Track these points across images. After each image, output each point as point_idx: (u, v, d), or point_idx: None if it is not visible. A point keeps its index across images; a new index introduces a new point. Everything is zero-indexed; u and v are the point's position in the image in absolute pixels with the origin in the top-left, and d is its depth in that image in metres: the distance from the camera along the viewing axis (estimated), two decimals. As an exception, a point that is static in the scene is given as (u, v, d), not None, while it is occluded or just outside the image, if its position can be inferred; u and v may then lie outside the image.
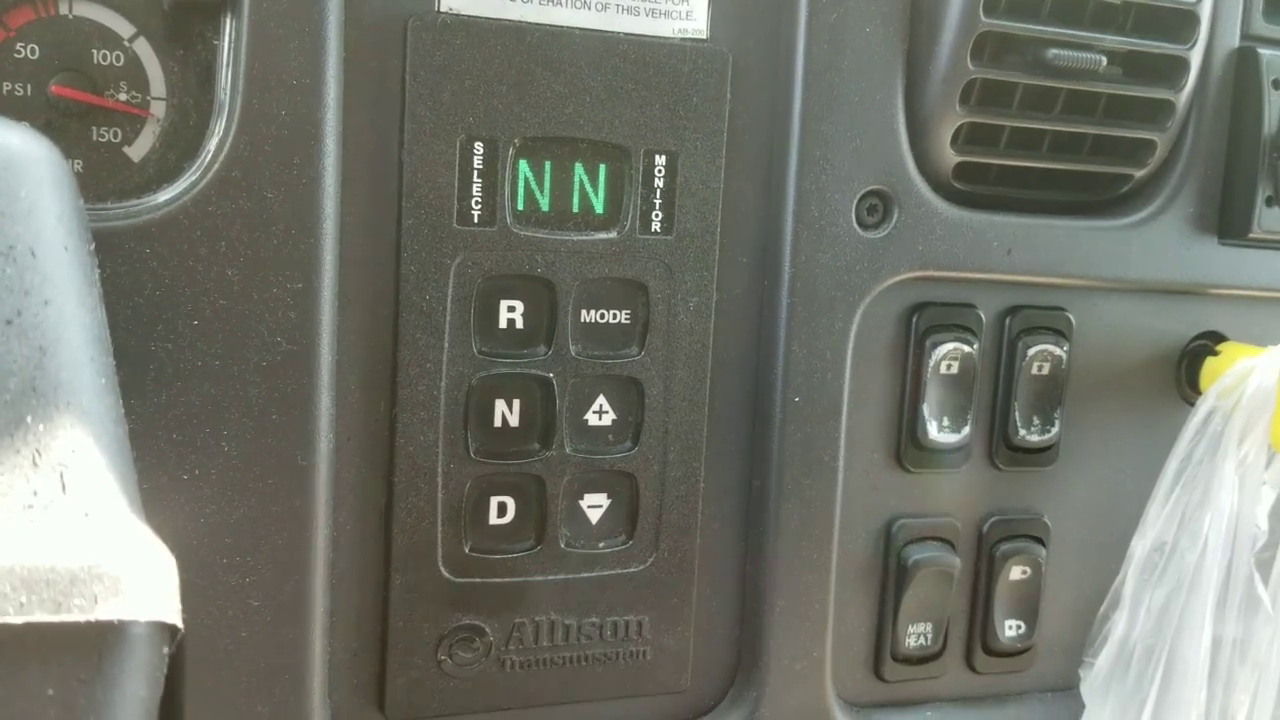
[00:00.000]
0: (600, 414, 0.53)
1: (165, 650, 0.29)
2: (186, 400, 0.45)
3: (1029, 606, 0.62)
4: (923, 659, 0.61)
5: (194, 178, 0.44)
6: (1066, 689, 0.65)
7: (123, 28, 0.45)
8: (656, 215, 0.52)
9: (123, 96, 0.46)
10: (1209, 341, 0.64)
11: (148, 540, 0.29)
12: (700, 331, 0.54)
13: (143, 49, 0.46)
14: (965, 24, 0.53)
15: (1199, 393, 0.62)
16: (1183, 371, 0.64)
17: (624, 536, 0.54)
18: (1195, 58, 0.58)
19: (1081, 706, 0.63)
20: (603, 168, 0.51)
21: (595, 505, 0.54)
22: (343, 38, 0.46)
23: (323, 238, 0.46)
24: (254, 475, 0.46)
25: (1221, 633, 0.61)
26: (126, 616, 0.27)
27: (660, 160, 0.52)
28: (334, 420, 0.48)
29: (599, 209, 0.52)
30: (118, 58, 0.45)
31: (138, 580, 0.27)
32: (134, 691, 0.28)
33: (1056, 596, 0.64)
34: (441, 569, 0.51)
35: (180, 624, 0.29)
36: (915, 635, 0.60)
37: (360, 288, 0.49)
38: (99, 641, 0.26)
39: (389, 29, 0.48)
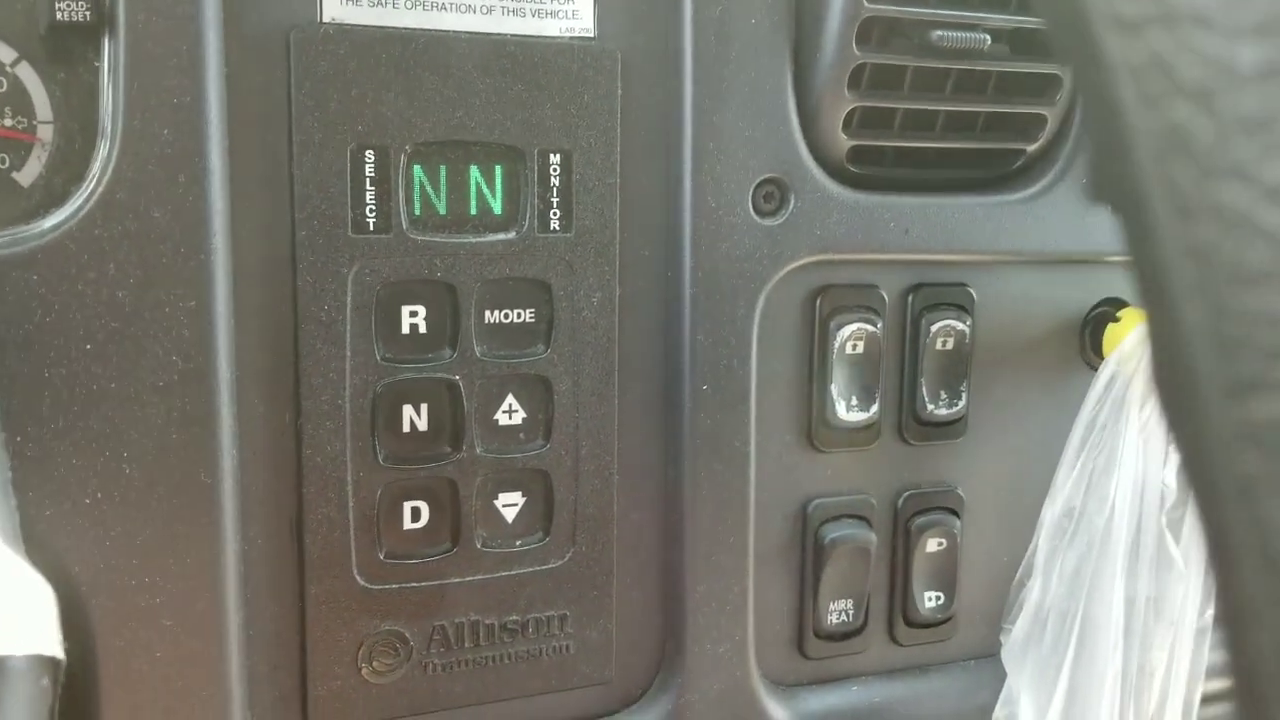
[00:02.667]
0: (510, 413, 0.53)
1: (44, 682, 0.29)
2: (85, 424, 0.45)
3: (947, 577, 0.64)
4: (846, 635, 0.62)
5: (79, 202, 0.44)
6: (989, 656, 0.66)
7: (4, 53, 0.45)
8: (555, 214, 0.52)
9: (8, 122, 0.46)
10: (1110, 308, 0.65)
11: (23, 574, 0.29)
12: (605, 326, 0.54)
13: (25, 73, 0.45)
14: (849, 10, 0.54)
15: (1103, 358, 0.64)
16: (1086, 339, 0.65)
17: (541, 533, 0.55)
18: (1080, 32, 0.59)
19: (1004, 672, 0.64)
20: (498, 169, 0.52)
21: (510, 504, 0.54)
22: (224, 53, 0.46)
23: (213, 254, 0.46)
24: (158, 496, 0.46)
25: (1134, 592, 0.62)
26: (2, 651, 0.27)
27: (555, 159, 0.52)
28: (237, 436, 0.48)
29: (497, 210, 0.52)
30: (0, 84, 0.45)
31: (12, 615, 0.27)
32: (16, 723, 0.28)
33: (973, 566, 0.65)
34: (357, 577, 0.51)
35: (61, 655, 0.29)
36: (837, 612, 0.61)
37: (257, 301, 0.49)
38: (-27, 677, 0.27)
39: (271, 41, 0.48)
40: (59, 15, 0.44)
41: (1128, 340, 0.62)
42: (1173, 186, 0.17)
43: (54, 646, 0.29)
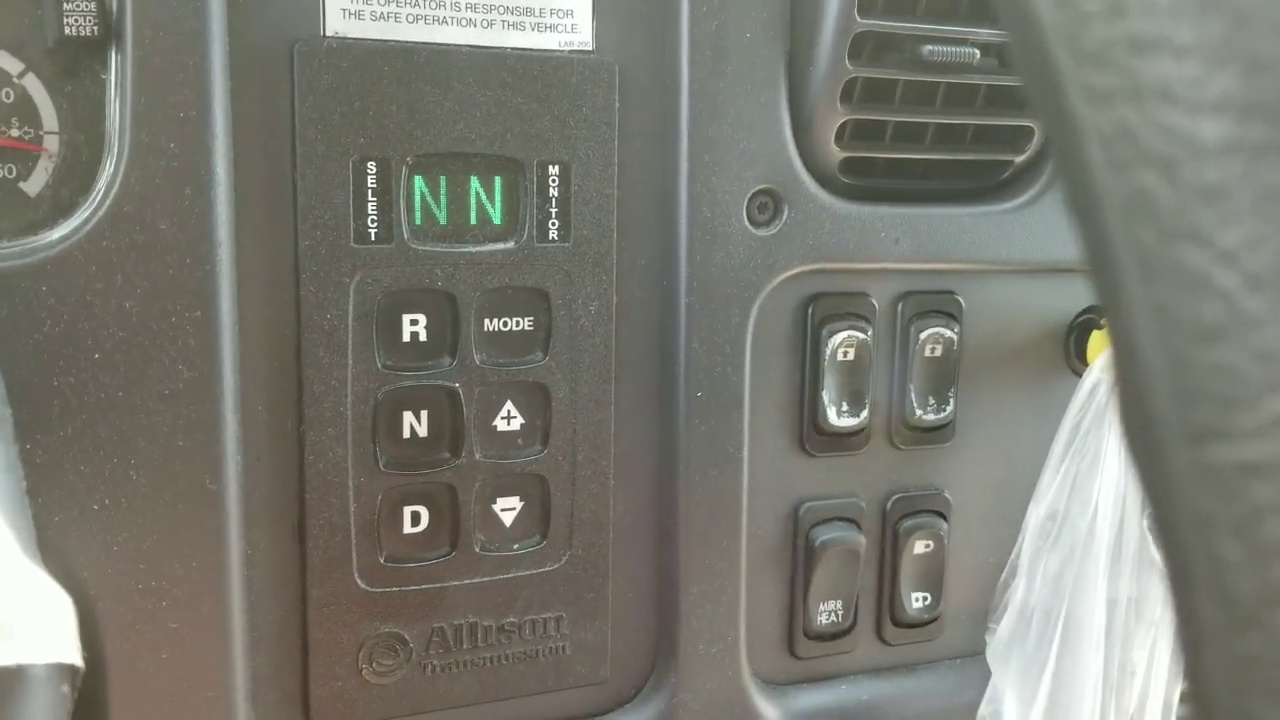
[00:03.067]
0: (508, 419, 0.54)
1: (65, 689, 0.30)
2: (92, 432, 0.46)
3: (934, 579, 0.65)
4: (835, 635, 0.64)
5: (87, 214, 0.45)
6: (974, 655, 0.68)
7: (11, 65, 0.46)
8: (553, 224, 0.53)
9: (15, 133, 0.46)
10: (1095, 315, 0.66)
11: (42, 584, 0.30)
12: (603, 334, 0.55)
13: (32, 85, 0.46)
14: (842, 25, 0.55)
15: (1087, 365, 0.65)
16: (1071, 345, 0.67)
17: (538, 537, 0.56)
18: (1067, 46, 0.61)
19: (989, 671, 0.66)
20: (498, 180, 0.53)
21: (508, 508, 0.55)
22: (229, 66, 0.47)
23: (219, 265, 0.47)
24: (164, 502, 0.47)
25: (1117, 593, 0.64)
26: (23, 661, 0.28)
27: (554, 170, 0.53)
28: (241, 442, 0.49)
29: (496, 220, 0.53)
30: (7, 95, 0.46)
31: (32, 625, 0.28)
32: (39, 732, 0.29)
33: (960, 567, 0.66)
34: (357, 580, 0.52)
35: (80, 663, 0.30)
36: (826, 613, 0.63)
37: (261, 311, 0.49)
38: (-1, 687, 0.28)
39: (275, 55, 0.48)
40: (67, 30, 0.45)
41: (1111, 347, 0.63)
42: (1138, 246, 0.19)
43: (73, 655, 0.30)
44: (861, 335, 0.60)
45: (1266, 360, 0.18)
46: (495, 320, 0.53)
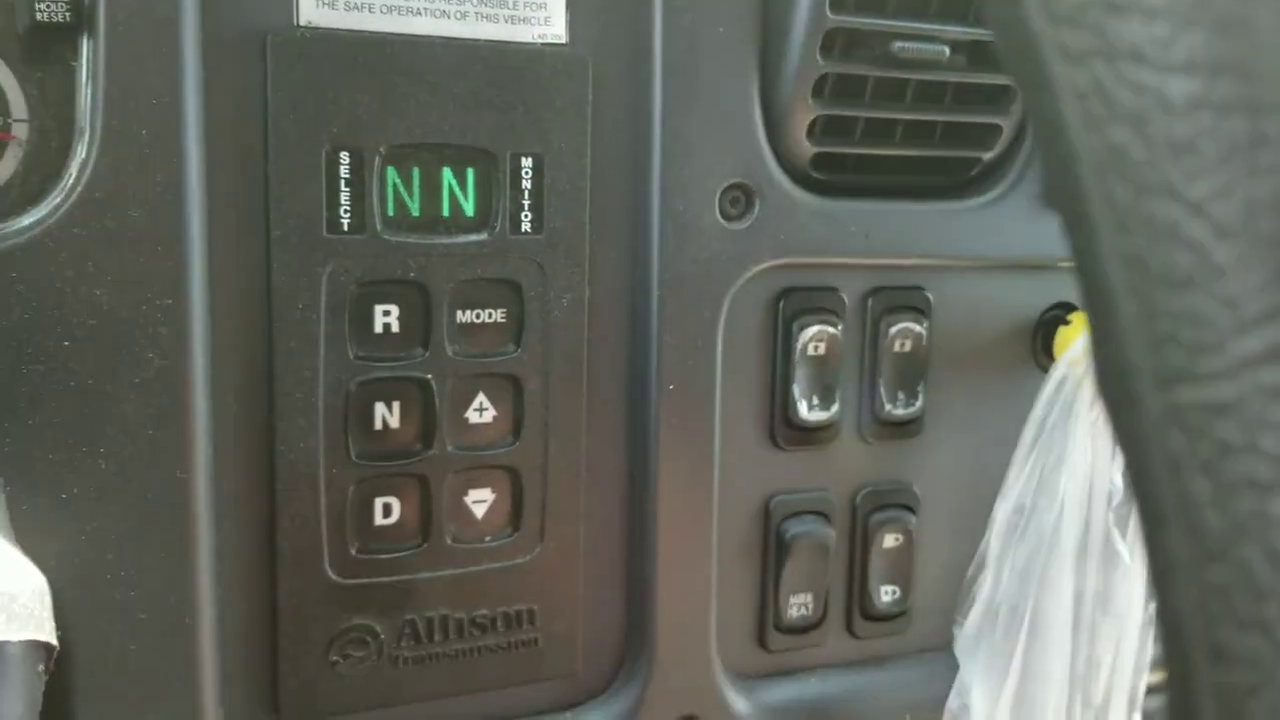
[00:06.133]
0: (480, 411, 0.54)
1: (40, 668, 0.29)
2: (61, 420, 0.45)
3: (903, 572, 0.66)
4: (805, 628, 0.64)
5: (57, 200, 0.45)
6: (942, 648, 0.68)
7: None
8: (526, 216, 0.54)
9: None
10: (1061, 312, 0.67)
11: (16, 562, 0.29)
12: (575, 326, 0.55)
13: (0, 71, 0.46)
14: (814, 21, 0.56)
15: (1054, 360, 0.66)
16: (1038, 341, 0.68)
17: (509, 529, 0.56)
18: (1034, 45, 0.61)
19: (957, 664, 0.66)
20: (471, 172, 0.53)
21: (480, 500, 0.55)
22: (202, 55, 0.47)
23: (190, 253, 0.47)
24: (133, 491, 0.47)
25: (1083, 587, 0.64)
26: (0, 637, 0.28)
27: (527, 163, 0.53)
28: (212, 432, 0.49)
29: (469, 212, 0.53)
30: None
31: (7, 602, 0.28)
32: (10, 709, 0.28)
33: (928, 561, 0.67)
34: (329, 572, 0.52)
35: (55, 641, 0.30)
36: (797, 606, 0.63)
37: (233, 300, 0.49)
38: (-30, 664, 0.27)
39: (249, 44, 0.48)
40: (39, 15, 0.45)
41: (1077, 343, 0.64)
42: (1111, 200, 0.19)
43: (49, 633, 0.30)
44: (832, 330, 0.61)
45: (1232, 306, 0.18)
46: (468, 312, 0.53)
